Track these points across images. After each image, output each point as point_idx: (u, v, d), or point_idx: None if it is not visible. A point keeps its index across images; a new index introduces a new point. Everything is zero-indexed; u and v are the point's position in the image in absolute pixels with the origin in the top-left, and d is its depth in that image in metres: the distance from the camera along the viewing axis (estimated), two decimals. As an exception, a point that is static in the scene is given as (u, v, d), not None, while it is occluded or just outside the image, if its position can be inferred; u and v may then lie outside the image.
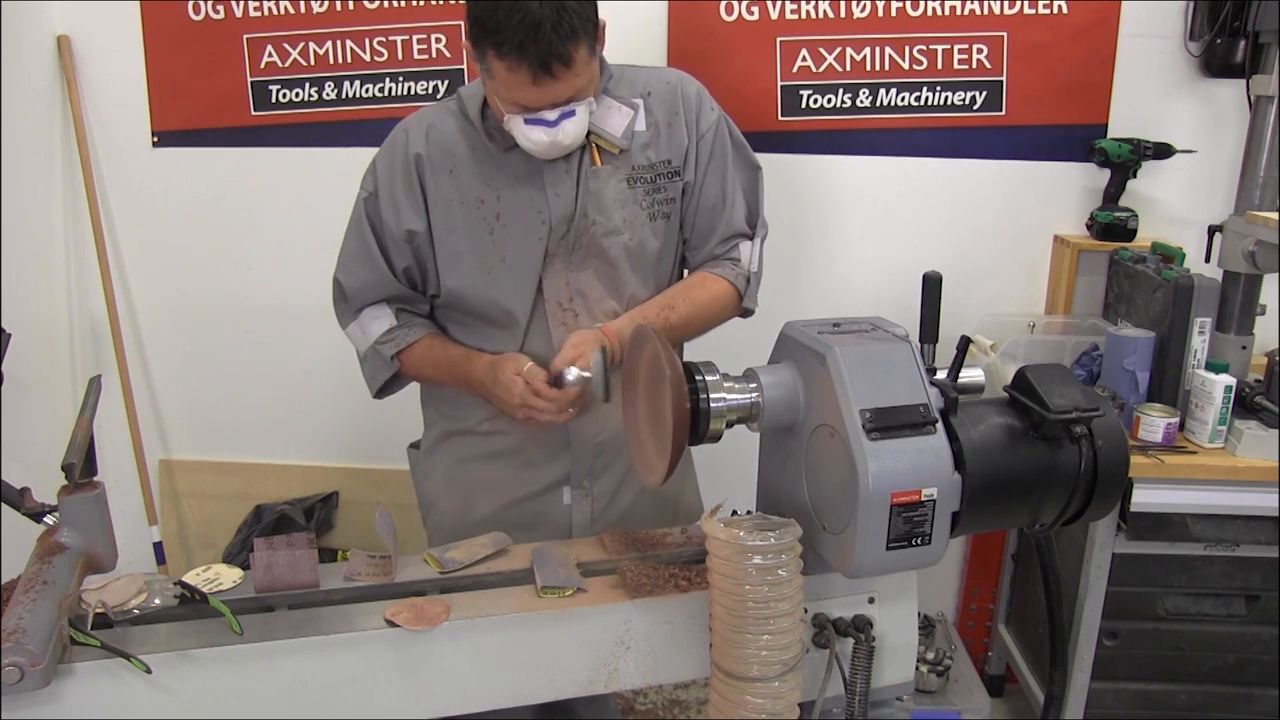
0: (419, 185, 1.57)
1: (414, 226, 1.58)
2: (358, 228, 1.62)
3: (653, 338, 1.19)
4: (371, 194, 1.60)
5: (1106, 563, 2.09)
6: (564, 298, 1.60)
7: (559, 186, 1.56)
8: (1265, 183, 2.18)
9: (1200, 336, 2.11)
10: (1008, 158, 2.51)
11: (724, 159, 1.65)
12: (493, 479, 1.68)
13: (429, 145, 1.57)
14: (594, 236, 1.57)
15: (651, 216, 1.61)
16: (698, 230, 1.67)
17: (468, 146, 1.57)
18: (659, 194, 1.61)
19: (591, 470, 1.67)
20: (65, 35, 2.50)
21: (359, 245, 1.61)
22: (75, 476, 1.16)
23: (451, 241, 1.58)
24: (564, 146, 1.48)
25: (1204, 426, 2.05)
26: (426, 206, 1.58)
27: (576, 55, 1.38)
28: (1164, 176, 2.47)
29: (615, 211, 1.57)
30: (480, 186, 1.56)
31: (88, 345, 2.70)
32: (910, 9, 2.41)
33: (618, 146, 1.56)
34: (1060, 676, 1.87)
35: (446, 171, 1.57)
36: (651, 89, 1.61)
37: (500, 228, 1.57)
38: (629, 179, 1.58)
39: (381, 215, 1.59)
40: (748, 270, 1.70)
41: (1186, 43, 2.41)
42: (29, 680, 0.98)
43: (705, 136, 1.63)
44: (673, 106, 1.61)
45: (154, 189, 2.61)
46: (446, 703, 1.18)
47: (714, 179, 1.64)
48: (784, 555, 1.08)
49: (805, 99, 2.48)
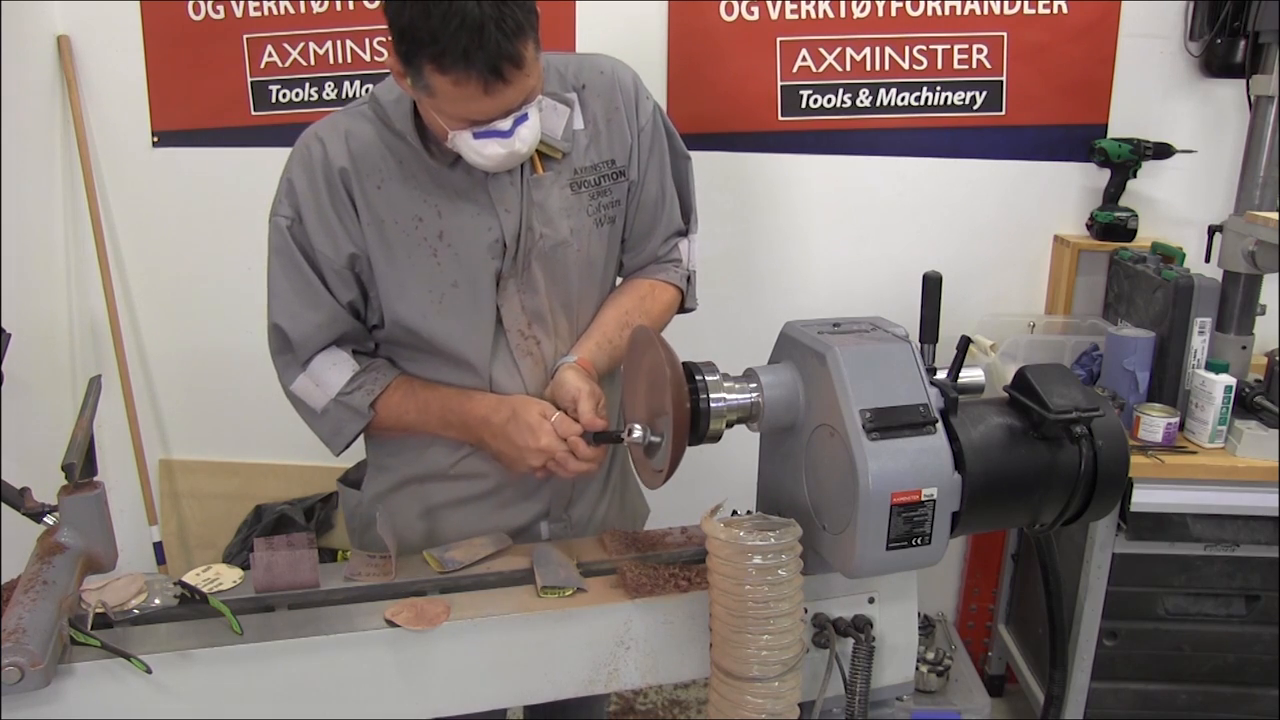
0: (349, 202, 1.36)
1: (353, 249, 1.38)
2: (289, 262, 1.39)
3: (653, 338, 1.19)
4: (294, 219, 1.38)
5: (1106, 563, 2.09)
6: (523, 324, 1.44)
7: (506, 201, 1.38)
8: (1265, 183, 2.18)
9: (1200, 336, 2.11)
10: (1008, 158, 2.51)
11: (662, 152, 1.51)
12: (463, 525, 1.49)
13: (352, 157, 1.36)
14: (541, 251, 1.41)
15: (598, 222, 1.46)
16: (637, 230, 1.53)
17: (394, 158, 1.37)
18: (604, 197, 1.46)
19: (570, 500, 1.55)
20: (65, 35, 2.50)
21: (297, 281, 1.39)
22: (75, 476, 1.16)
23: (392, 268, 1.38)
24: (521, 156, 1.30)
25: (1204, 426, 2.05)
26: (361, 226, 1.37)
27: (525, 53, 1.19)
28: (1164, 176, 2.48)
29: (562, 222, 1.42)
30: (415, 202, 1.37)
31: (88, 345, 2.70)
32: (910, 9, 2.41)
33: (560, 150, 1.40)
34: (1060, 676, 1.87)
35: (375, 187, 1.36)
36: (585, 81, 1.44)
37: (445, 248, 1.38)
38: (572, 184, 1.42)
39: (312, 241, 1.37)
40: (687, 269, 1.59)
41: (1186, 43, 2.41)
42: (29, 680, 0.98)
43: (645, 129, 1.48)
44: (611, 100, 1.45)
45: (154, 189, 2.61)
46: (446, 703, 1.18)
47: (654, 174, 1.50)
48: (784, 555, 1.07)
49: (805, 99, 2.48)
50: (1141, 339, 2.13)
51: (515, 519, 1.51)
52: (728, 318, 2.61)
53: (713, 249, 2.59)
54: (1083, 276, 2.50)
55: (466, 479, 1.50)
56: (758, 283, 2.63)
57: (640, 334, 1.24)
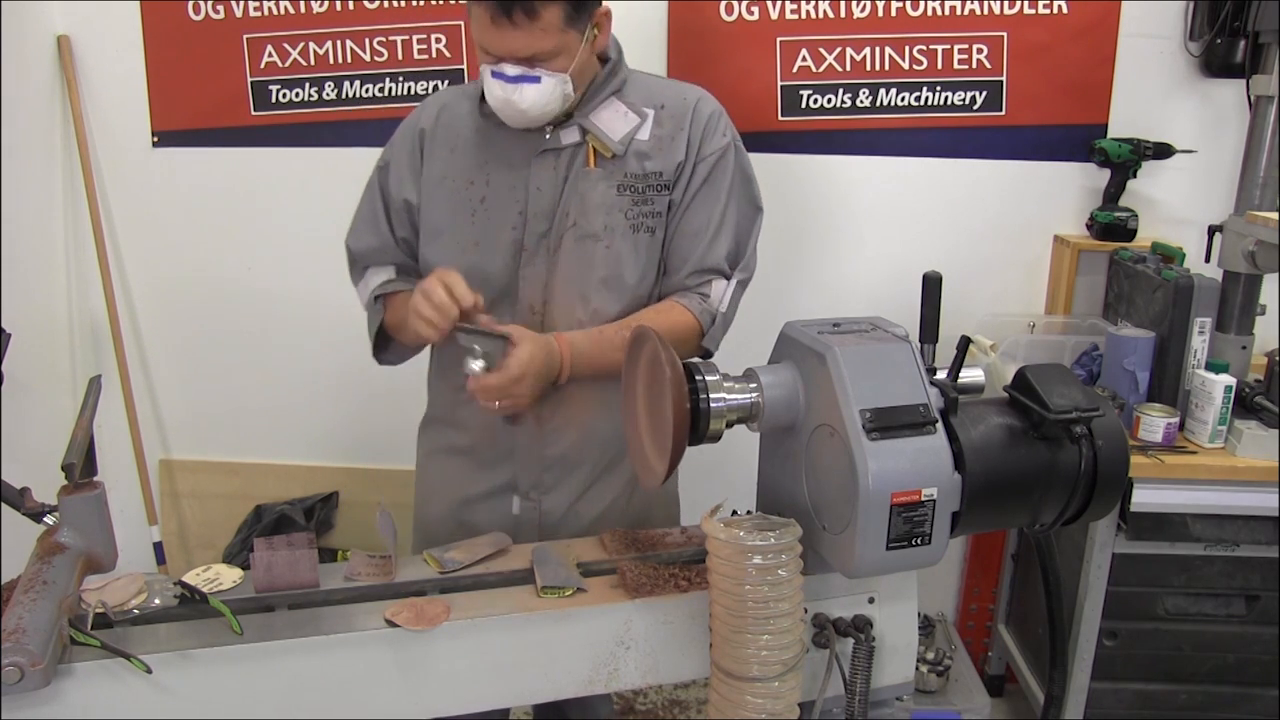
0: (419, 159, 1.60)
1: (410, 198, 1.60)
2: (369, 195, 1.65)
3: (652, 337, 1.19)
4: (385, 165, 1.64)
5: (1106, 563, 2.09)
6: (537, 301, 1.56)
7: (541, 181, 1.54)
8: (1265, 183, 2.18)
9: (1200, 336, 2.11)
10: (1008, 158, 2.51)
11: (721, 188, 1.58)
12: (448, 475, 1.68)
13: (436, 122, 1.60)
14: (572, 239, 1.54)
15: (634, 228, 1.55)
16: (673, 255, 1.59)
17: (472, 128, 1.58)
18: (645, 205, 1.55)
19: (540, 483, 1.62)
20: (65, 35, 2.50)
21: (368, 211, 1.65)
22: (75, 476, 1.16)
23: (435, 217, 1.59)
24: (522, 112, 1.45)
25: (1204, 426, 2.05)
26: (421, 181, 1.59)
27: (544, 11, 1.36)
28: (1164, 176, 2.48)
29: (598, 216, 1.53)
30: (473, 168, 1.57)
31: (88, 345, 2.70)
32: (910, 9, 2.41)
33: (612, 151, 1.53)
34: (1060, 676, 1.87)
35: (448, 150, 1.59)
36: (666, 102, 1.58)
37: (481, 210, 1.56)
38: (619, 185, 1.54)
39: (389, 185, 1.62)
40: (715, 309, 1.60)
41: (1186, 43, 2.41)
42: (29, 680, 0.98)
43: (706, 160, 1.56)
44: (681, 122, 1.56)
45: (154, 189, 2.61)
46: (446, 703, 1.18)
47: (703, 205, 1.57)
48: (784, 555, 1.07)
49: (805, 99, 2.48)
50: (1141, 339, 2.13)
51: (486, 482, 1.65)
52: (728, 318, 2.62)
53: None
54: (1083, 276, 2.49)
55: (449, 428, 1.68)
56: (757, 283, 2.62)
57: (640, 334, 1.24)
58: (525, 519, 1.64)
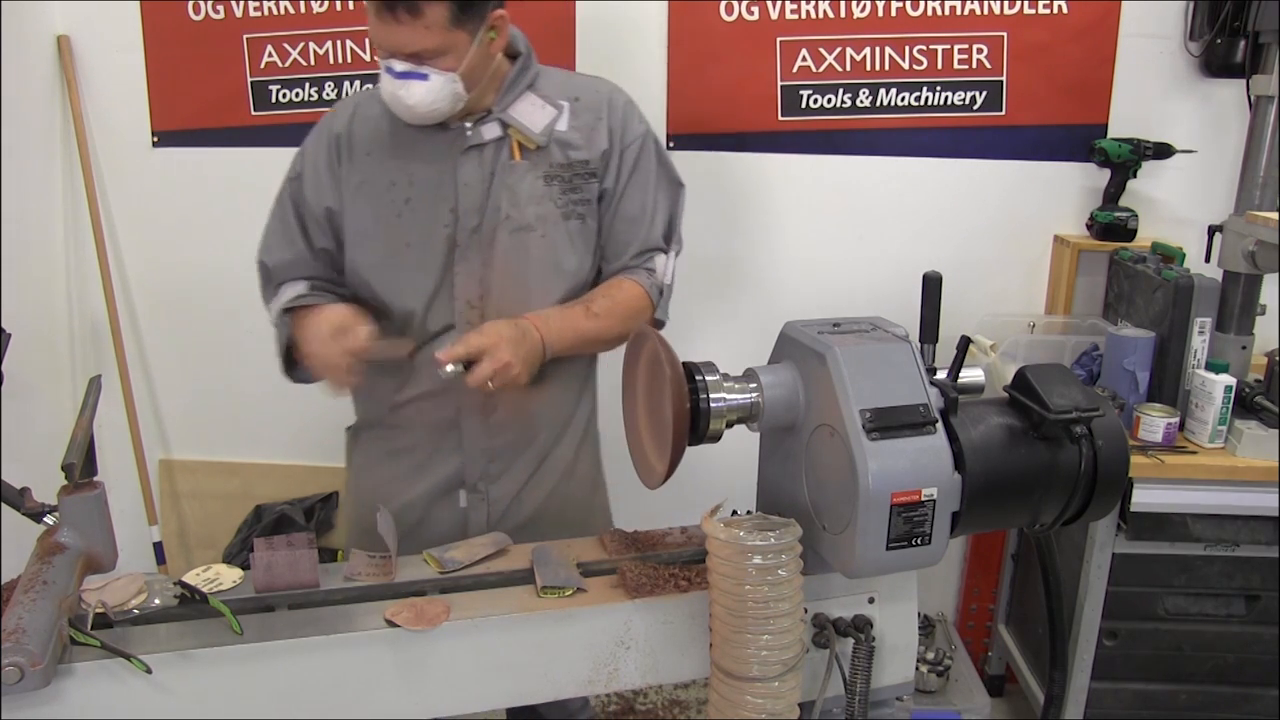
0: (338, 164, 1.60)
1: (331, 204, 1.60)
2: (280, 208, 1.65)
3: (653, 337, 1.19)
4: (297, 176, 1.63)
5: (1106, 563, 2.09)
6: (474, 295, 1.58)
7: (469, 177, 1.56)
8: (1265, 183, 2.18)
9: (1200, 336, 2.11)
10: (1008, 157, 2.51)
11: (648, 173, 1.65)
12: (391, 478, 1.68)
13: (351, 126, 1.60)
14: (506, 231, 1.56)
15: (565, 216, 1.59)
16: (615, 242, 1.65)
17: (388, 130, 1.58)
18: (574, 193, 1.60)
19: (486, 474, 1.66)
20: (65, 35, 2.50)
21: (280, 225, 1.64)
22: (75, 476, 1.16)
23: (359, 221, 1.59)
24: (409, 108, 1.48)
25: (1204, 426, 2.05)
26: (341, 187, 1.59)
27: (428, 9, 1.39)
28: (1164, 176, 2.48)
29: (529, 207, 1.57)
30: (395, 169, 1.57)
31: (88, 345, 2.70)
32: (910, 9, 2.41)
33: (535, 142, 1.56)
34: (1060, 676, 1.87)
35: (364, 153, 1.59)
36: (581, 95, 1.62)
37: (409, 211, 1.57)
38: (545, 176, 1.58)
39: (304, 194, 1.61)
40: (661, 282, 1.68)
41: (1186, 43, 2.41)
42: (29, 680, 0.98)
43: (630, 147, 1.63)
44: (597, 112, 1.62)
45: (154, 189, 2.61)
46: (446, 703, 1.18)
47: (636, 191, 1.64)
48: (784, 555, 1.07)
49: (805, 99, 2.48)
50: (1141, 339, 2.13)
51: (431, 480, 1.66)
52: (728, 318, 2.62)
53: (712, 249, 2.60)
54: (1083, 276, 2.49)
55: (390, 432, 1.68)
56: (757, 283, 2.63)
57: (640, 334, 1.25)
58: (473, 511, 1.66)
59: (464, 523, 1.67)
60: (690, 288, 2.62)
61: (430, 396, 1.62)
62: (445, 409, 1.62)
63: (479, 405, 1.61)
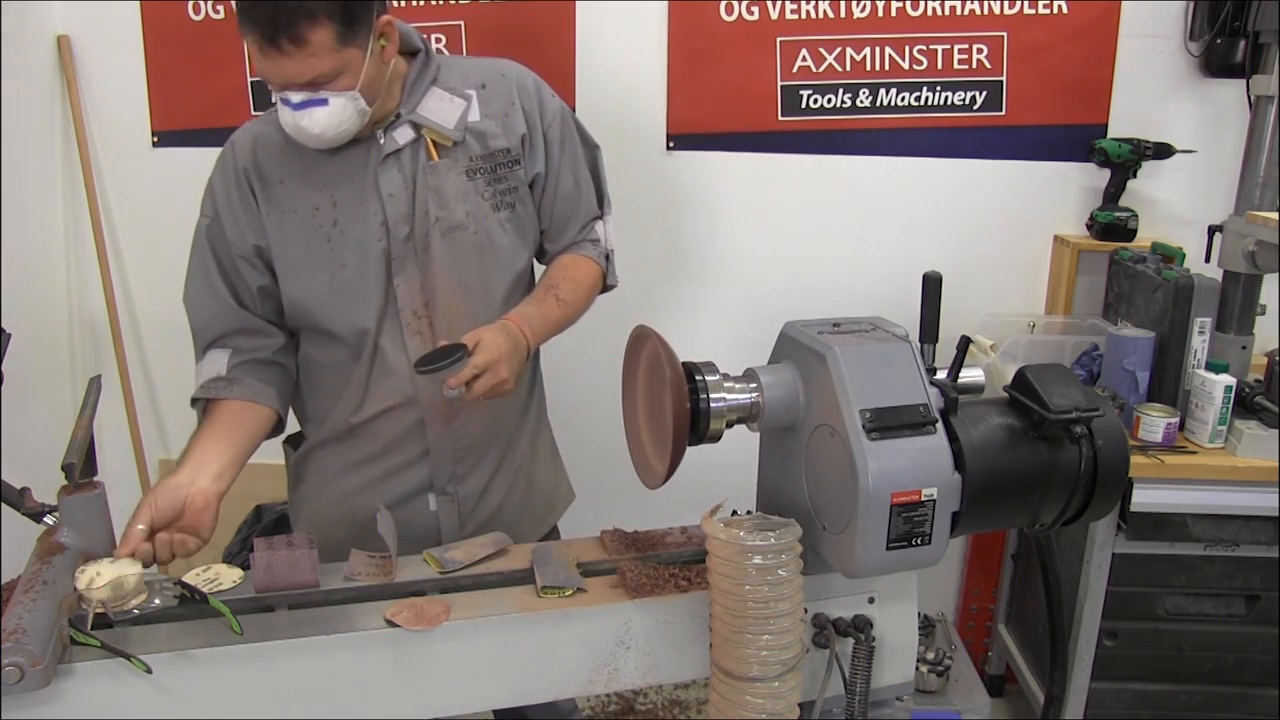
0: (253, 199, 1.53)
1: (258, 242, 1.53)
2: (199, 257, 1.56)
3: (652, 337, 1.19)
4: (213, 219, 1.55)
5: (1106, 563, 2.09)
6: (418, 304, 1.54)
7: (392, 186, 1.51)
8: (1265, 183, 2.18)
9: (1200, 336, 2.11)
10: (1008, 157, 2.51)
11: (574, 147, 1.64)
12: (357, 489, 1.63)
13: (256, 157, 1.53)
14: (439, 234, 1.53)
15: (495, 207, 1.56)
16: (556, 220, 1.65)
17: (296, 154, 1.52)
18: (500, 184, 1.57)
19: (454, 475, 1.63)
20: (65, 35, 2.50)
21: (201, 275, 1.56)
22: (75, 476, 1.16)
23: (290, 253, 1.53)
24: (316, 136, 1.42)
25: (1204, 426, 2.05)
26: (262, 220, 1.53)
27: (312, 37, 1.32)
28: (1164, 176, 2.48)
29: (458, 205, 1.53)
30: (314, 194, 1.51)
31: (88, 345, 2.69)
32: (910, 9, 2.41)
33: (451, 139, 1.52)
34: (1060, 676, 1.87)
35: (277, 182, 1.52)
36: (486, 80, 1.57)
37: (338, 234, 1.51)
38: (468, 170, 1.54)
39: (226, 236, 1.54)
40: (606, 249, 1.70)
41: (1186, 43, 2.41)
42: (29, 680, 0.98)
43: (552, 126, 1.61)
44: (509, 96, 1.57)
45: (154, 189, 2.61)
46: (446, 703, 1.18)
47: (567, 168, 1.63)
48: (784, 555, 1.07)
49: (805, 99, 2.48)
50: (1141, 339, 2.13)
51: (400, 487, 1.62)
52: (727, 318, 2.62)
53: (712, 248, 2.60)
54: (1083, 276, 2.50)
55: (354, 445, 1.62)
56: (757, 283, 2.63)
57: (640, 333, 1.25)
58: (444, 513, 1.65)
59: (435, 525, 1.64)
60: (690, 287, 2.64)
61: (391, 410, 1.58)
62: (409, 417, 1.59)
63: (442, 411, 1.59)
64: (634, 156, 2.49)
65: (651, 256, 2.59)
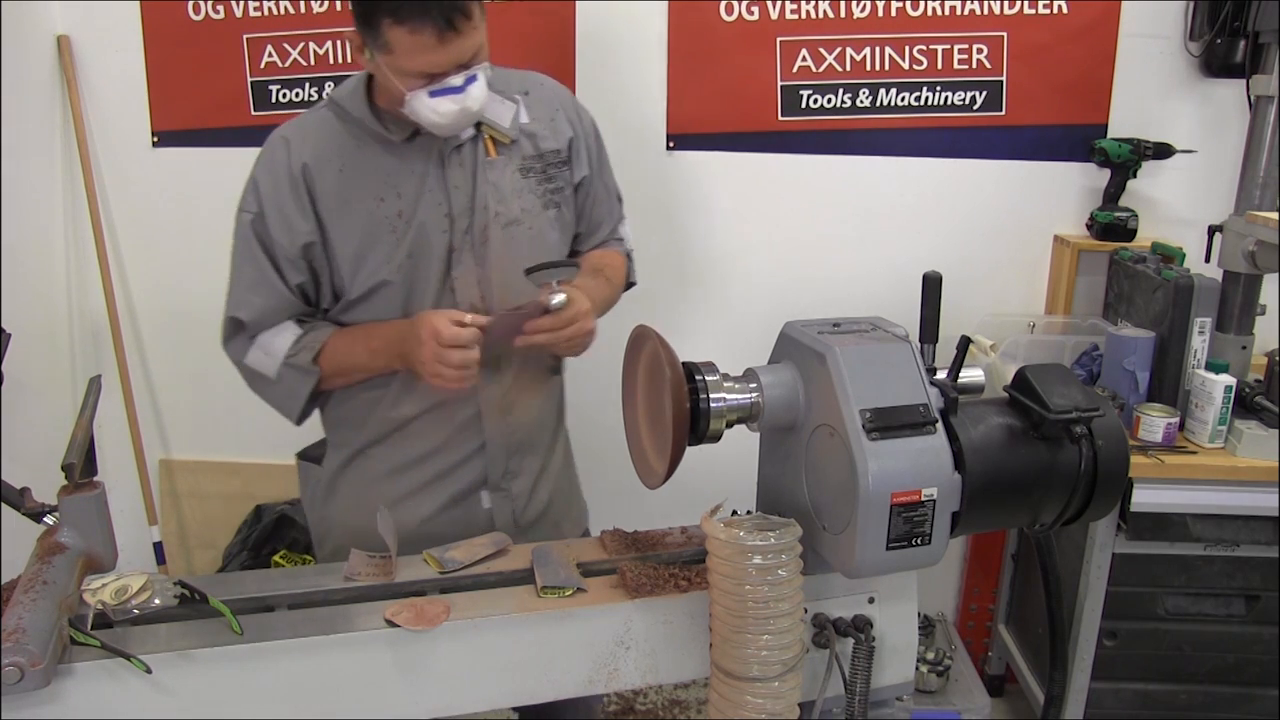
0: (307, 194, 1.51)
1: (309, 239, 1.51)
2: (248, 253, 1.54)
3: (652, 337, 1.19)
4: (257, 214, 1.52)
5: (1106, 563, 2.09)
6: (475, 297, 1.56)
7: (456, 179, 1.54)
8: (1265, 183, 2.18)
9: (1200, 336, 2.11)
10: (1008, 158, 2.51)
11: (605, 156, 1.73)
12: (407, 492, 1.61)
13: (314, 151, 1.51)
14: (497, 228, 1.55)
15: (545, 206, 1.60)
16: (592, 223, 1.72)
17: (355, 145, 1.52)
18: (550, 183, 1.61)
19: (508, 470, 1.64)
20: (65, 35, 2.51)
21: (254, 273, 1.54)
22: (75, 476, 1.16)
23: (352, 244, 1.52)
24: (473, 115, 1.46)
25: (1204, 426, 2.05)
26: (318, 214, 1.51)
27: (473, 7, 1.38)
28: (1164, 176, 2.48)
29: (513, 201, 1.57)
30: (378, 184, 1.52)
31: (88, 345, 2.70)
32: (910, 9, 2.41)
33: (509, 136, 1.57)
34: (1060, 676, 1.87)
35: (336, 171, 1.51)
36: (528, 88, 1.63)
37: (402, 225, 1.52)
38: (521, 169, 1.58)
39: (271, 234, 1.52)
40: (629, 248, 1.80)
41: (1186, 43, 2.41)
42: (29, 680, 0.98)
43: (590, 134, 1.68)
44: (552, 104, 1.64)
45: (154, 189, 2.61)
46: (446, 703, 1.18)
47: (600, 172, 1.71)
48: (784, 555, 1.08)
49: (805, 99, 2.48)
50: (1141, 339, 2.13)
51: (454, 486, 1.62)
52: (728, 318, 2.62)
53: (712, 248, 2.60)
54: (1083, 276, 2.50)
55: (404, 445, 1.61)
56: (757, 282, 2.63)
57: (640, 333, 1.25)
58: (498, 510, 1.64)
59: (489, 525, 1.62)
60: (690, 287, 2.64)
61: (445, 404, 1.57)
62: (464, 412, 1.58)
63: (498, 403, 1.59)
64: (634, 156, 2.49)
65: (651, 256, 2.57)
